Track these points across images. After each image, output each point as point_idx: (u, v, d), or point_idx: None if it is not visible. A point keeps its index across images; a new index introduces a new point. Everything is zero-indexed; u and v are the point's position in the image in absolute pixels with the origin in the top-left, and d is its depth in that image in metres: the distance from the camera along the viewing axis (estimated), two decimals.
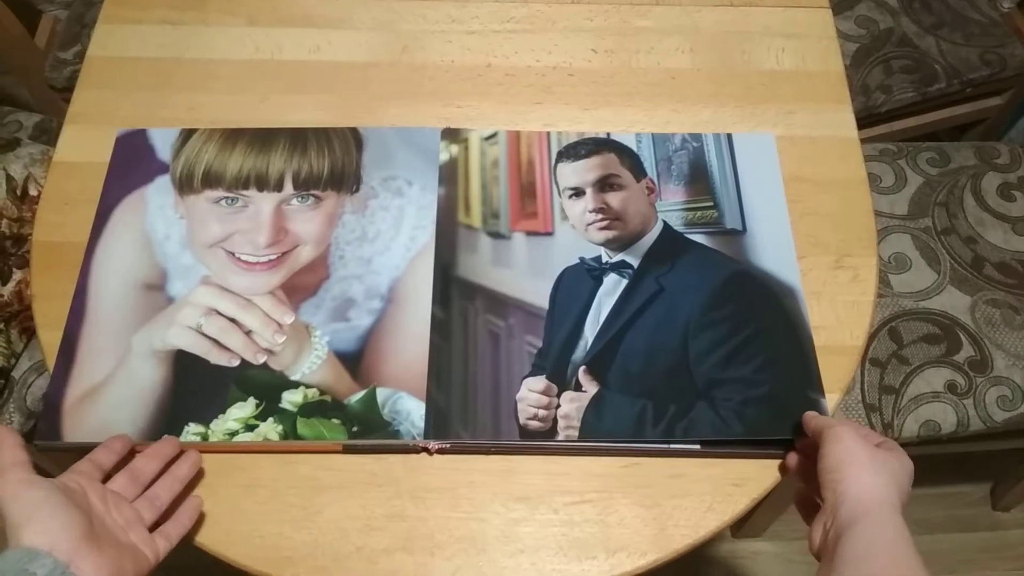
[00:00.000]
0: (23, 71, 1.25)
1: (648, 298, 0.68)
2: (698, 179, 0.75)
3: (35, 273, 0.73)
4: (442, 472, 0.65)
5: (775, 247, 0.73)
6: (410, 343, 0.68)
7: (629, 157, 0.73)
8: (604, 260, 0.71)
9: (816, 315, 0.71)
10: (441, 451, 0.65)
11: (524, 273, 0.71)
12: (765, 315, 0.69)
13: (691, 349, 0.66)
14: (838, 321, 0.71)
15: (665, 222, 0.72)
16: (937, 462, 1.34)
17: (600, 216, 0.71)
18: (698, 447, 0.64)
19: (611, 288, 0.70)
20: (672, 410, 0.65)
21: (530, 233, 0.73)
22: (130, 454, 0.61)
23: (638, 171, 0.73)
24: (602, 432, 0.65)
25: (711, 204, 0.73)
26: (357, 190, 0.75)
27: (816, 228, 0.75)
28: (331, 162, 0.76)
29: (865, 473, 0.54)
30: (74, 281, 0.71)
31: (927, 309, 0.99)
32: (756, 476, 0.64)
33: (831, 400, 0.67)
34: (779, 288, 0.71)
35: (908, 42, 1.23)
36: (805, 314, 0.70)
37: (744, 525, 1.32)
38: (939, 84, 1.21)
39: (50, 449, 0.65)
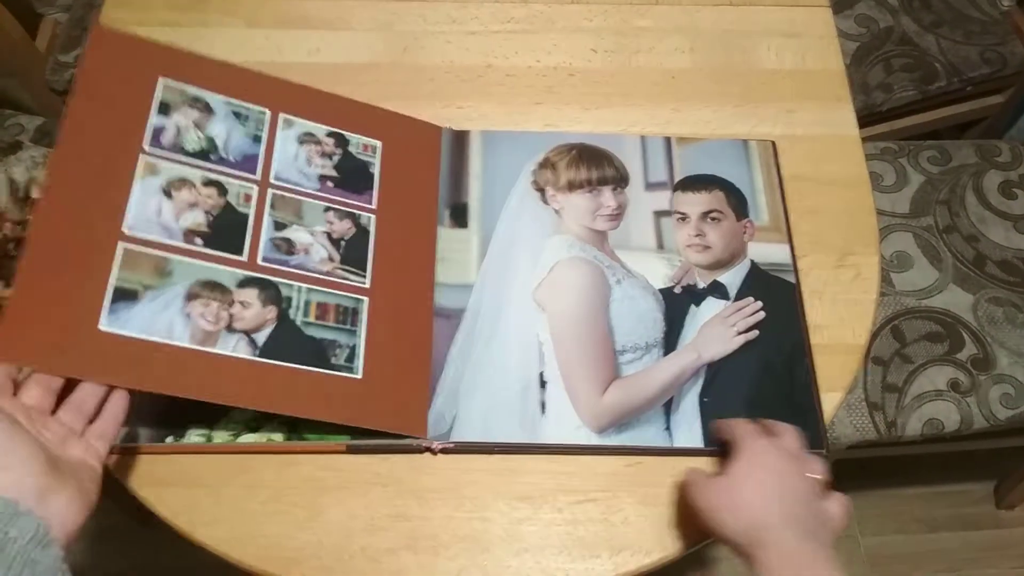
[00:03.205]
0: (24, 74, 1.25)
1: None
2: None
3: None
4: (445, 472, 0.65)
5: None
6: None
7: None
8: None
9: (818, 314, 0.71)
10: (444, 451, 0.65)
11: None
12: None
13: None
14: (840, 320, 0.71)
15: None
16: (941, 460, 1.34)
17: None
18: (702, 446, 0.64)
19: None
20: None
21: None
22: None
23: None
24: None
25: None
26: None
27: (818, 227, 0.75)
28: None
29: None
30: None
31: (929, 307, 0.99)
32: None
33: (834, 399, 0.67)
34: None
35: (908, 40, 1.23)
36: None
37: None
38: (939, 82, 1.21)
39: None
